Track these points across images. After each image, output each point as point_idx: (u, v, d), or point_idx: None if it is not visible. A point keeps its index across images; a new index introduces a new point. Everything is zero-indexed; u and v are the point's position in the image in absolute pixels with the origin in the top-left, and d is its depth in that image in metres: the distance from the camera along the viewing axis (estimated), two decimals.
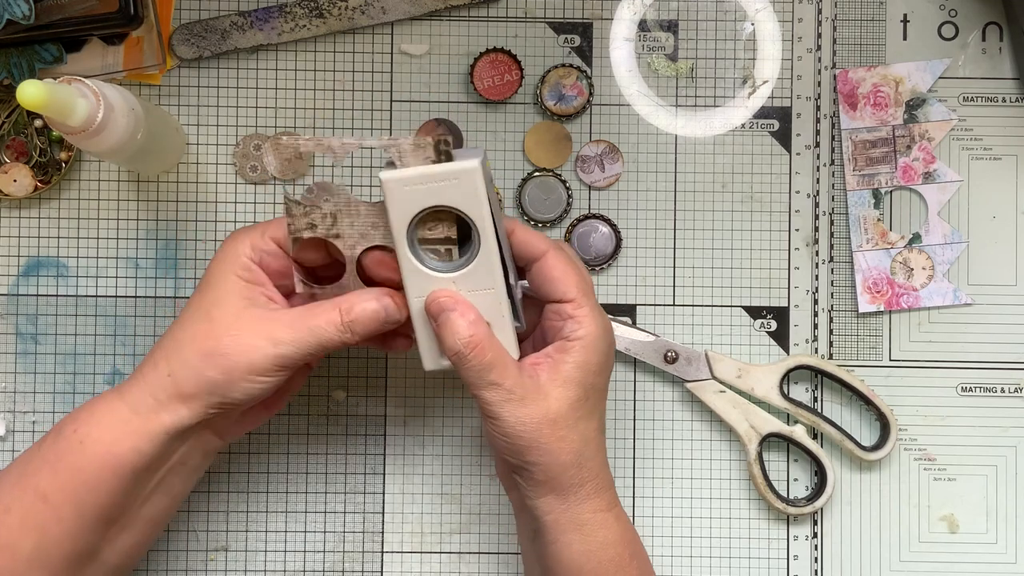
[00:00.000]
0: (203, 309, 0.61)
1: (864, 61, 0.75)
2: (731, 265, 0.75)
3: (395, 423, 0.75)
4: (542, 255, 0.62)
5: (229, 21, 0.74)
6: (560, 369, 0.61)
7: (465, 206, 0.59)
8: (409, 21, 0.75)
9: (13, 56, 0.71)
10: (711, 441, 0.75)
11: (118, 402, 0.61)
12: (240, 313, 0.61)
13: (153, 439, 0.60)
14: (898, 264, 0.75)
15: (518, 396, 0.60)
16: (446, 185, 0.59)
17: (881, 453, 0.74)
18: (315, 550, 0.74)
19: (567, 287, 0.61)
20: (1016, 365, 0.75)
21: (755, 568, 0.74)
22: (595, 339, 0.61)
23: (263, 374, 0.60)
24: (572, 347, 0.61)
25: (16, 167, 0.73)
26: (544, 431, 0.60)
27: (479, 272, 0.61)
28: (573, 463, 0.61)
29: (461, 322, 0.60)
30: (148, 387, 0.61)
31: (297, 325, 0.60)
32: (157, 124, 0.68)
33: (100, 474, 0.60)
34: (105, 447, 0.60)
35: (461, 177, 0.59)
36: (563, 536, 0.61)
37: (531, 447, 0.60)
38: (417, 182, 0.59)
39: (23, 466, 0.62)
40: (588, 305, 0.61)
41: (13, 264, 0.74)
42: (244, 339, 0.60)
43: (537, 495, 0.61)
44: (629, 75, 0.75)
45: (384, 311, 0.61)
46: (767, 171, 0.75)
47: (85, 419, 0.61)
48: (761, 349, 0.75)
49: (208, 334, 0.60)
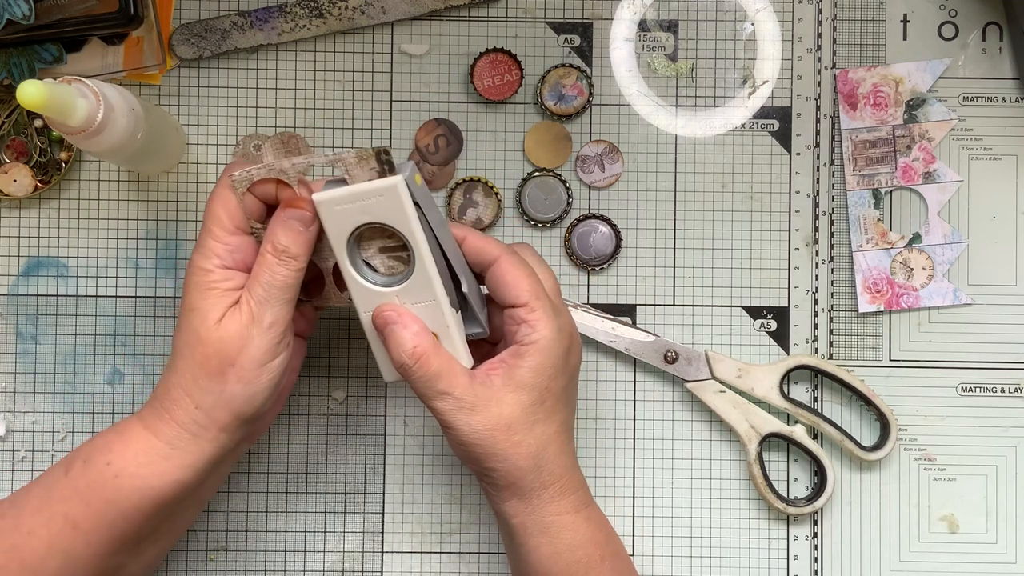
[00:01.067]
0: (193, 332, 0.61)
1: (864, 61, 0.75)
2: (731, 265, 0.75)
3: (395, 423, 0.75)
4: (494, 260, 0.62)
5: (229, 21, 0.74)
6: (514, 374, 0.61)
7: (394, 221, 0.60)
8: (409, 21, 0.75)
9: (13, 56, 0.71)
10: (711, 441, 0.75)
11: (152, 439, 0.61)
12: (222, 321, 0.60)
13: (196, 470, 0.61)
14: (898, 264, 0.75)
15: (468, 404, 0.60)
16: (374, 202, 0.60)
17: (881, 453, 0.74)
18: (315, 550, 0.74)
19: (518, 291, 0.61)
20: (1016, 365, 0.75)
21: (755, 568, 0.74)
22: (549, 342, 0.61)
23: (272, 356, 0.60)
24: (526, 351, 0.61)
25: (16, 167, 0.73)
26: (499, 437, 0.60)
27: (418, 284, 0.61)
28: (531, 468, 0.61)
29: (404, 334, 0.61)
30: (179, 423, 0.60)
31: (255, 291, 0.60)
32: (157, 124, 0.68)
33: (139, 505, 0.60)
34: (143, 481, 0.60)
35: (385, 194, 0.60)
36: (530, 539, 0.62)
37: (487, 454, 0.60)
38: (347, 200, 0.60)
39: (47, 491, 0.61)
40: (541, 308, 0.61)
41: (13, 264, 0.74)
42: (237, 340, 0.60)
43: (501, 499, 0.62)
44: (629, 75, 0.75)
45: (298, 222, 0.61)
46: (767, 171, 0.75)
47: (119, 452, 0.60)
48: (761, 349, 0.75)
49: (209, 355, 0.60)
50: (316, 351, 0.74)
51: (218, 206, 0.62)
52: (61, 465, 0.62)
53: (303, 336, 0.68)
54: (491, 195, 0.74)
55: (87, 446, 0.62)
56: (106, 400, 0.74)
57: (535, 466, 0.61)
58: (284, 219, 0.61)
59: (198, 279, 0.61)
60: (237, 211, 0.62)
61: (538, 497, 0.61)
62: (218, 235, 0.61)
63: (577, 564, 0.62)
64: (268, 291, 0.60)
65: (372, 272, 0.62)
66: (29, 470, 0.73)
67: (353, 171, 0.60)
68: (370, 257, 0.62)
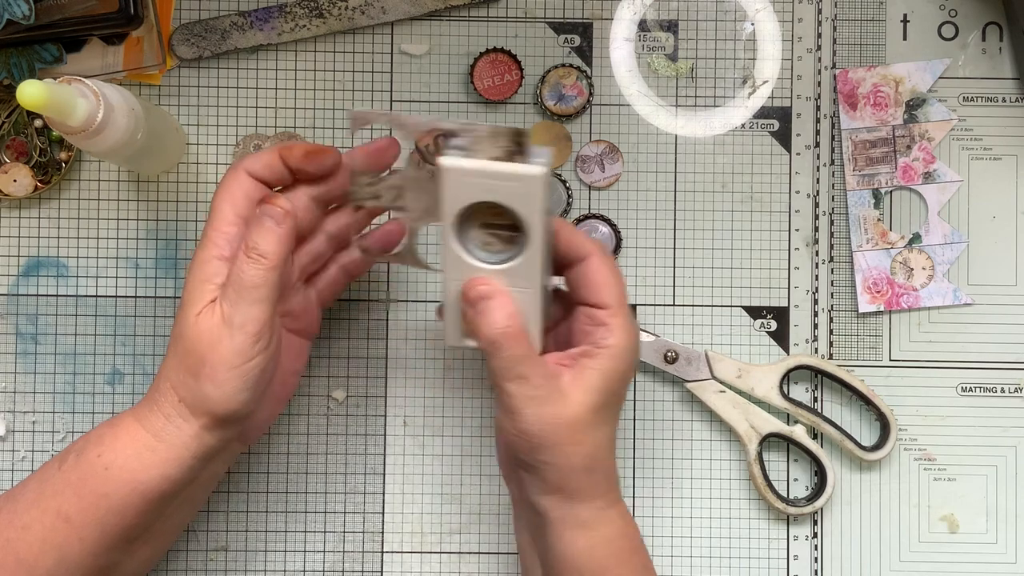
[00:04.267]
0: (178, 326, 0.60)
1: (864, 61, 0.75)
2: (731, 265, 0.75)
3: (395, 423, 0.75)
4: (587, 257, 0.62)
5: (229, 21, 0.74)
6: (584, 374, 0.60)
7: (521, 209, 0.59)
8: (409, 21, 0.75)
9: (13, 56, 0.71)
10: (711, 441, 0.75)
11: (140, 430, 0.60)
12: (198, 318, 0.59)
13: (182, 464, 0.60)
14: (898, 264, 0.75)
15: (542, 395, 0.59)
16: (507, 185, 0.58)
17: (881, 453, 0.74)
18: (315, 550, 0.74)
19: (607, 294, 0.61)
20: (1016, 365, 0.75)
21: (755, 568, 0.74)
22: (623, 349, 0.61)
23: (245, 358, 0.59)
24: (599, 354, 0.61)
25: (16, 167, 0.73)
26: (561, 433, 0.60)
27: (521, 271, 0.61)
28: (585, 467, 0.60)
29: (500, 312, 0.60)
30: (165, 415, 0.60)
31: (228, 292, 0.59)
32: (157, 124, 0.68)
33: (127, 499, 0.60)
34: (131, 474, 0.60)
35: (524, 181, 0.58)
36: (567, 532, 0.61)
37: (546, 447, 0.60)
38: (477, 176, 0.58)
39: (41, 485, 0.61)
40: (622, 315, 0.61)
41: (13, 264, 0.74)
42: (208, 339, 0.59)
43: (543, 493, 0.61)
44: (629, 75, 0.75)
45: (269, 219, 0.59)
46: (767, 171, 0.75)
47: (109, 444, 0.60)
48: (761, 349, 0.75)
49: (187, 351, 0.59)
50: (316, 351, 0.74)
51: (223, 195, 0.61)
52: (56, 459, 0.62)
53: (306, 337, 0.67)
54: None
55: (81, 440, 0.62)
56: (106, 400, 0.74)
57: (588, 467, 0.61)
58: (258, 215, 0.60)
59: (195, 271, 0.60)
60: (241, 202, 0.61)
61: (581, 495, 0.61)
62: (218, 224, 0.61)
63: (611, 557, 0.62)
64: (238, 291, 0.59)
65: (473, 246, 0.61)
66: (29, 470, 0.73)
67: (481, 144, 0.59)
68: (470, 229, 0.61)
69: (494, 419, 0.62)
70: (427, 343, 0.75)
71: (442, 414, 0.75)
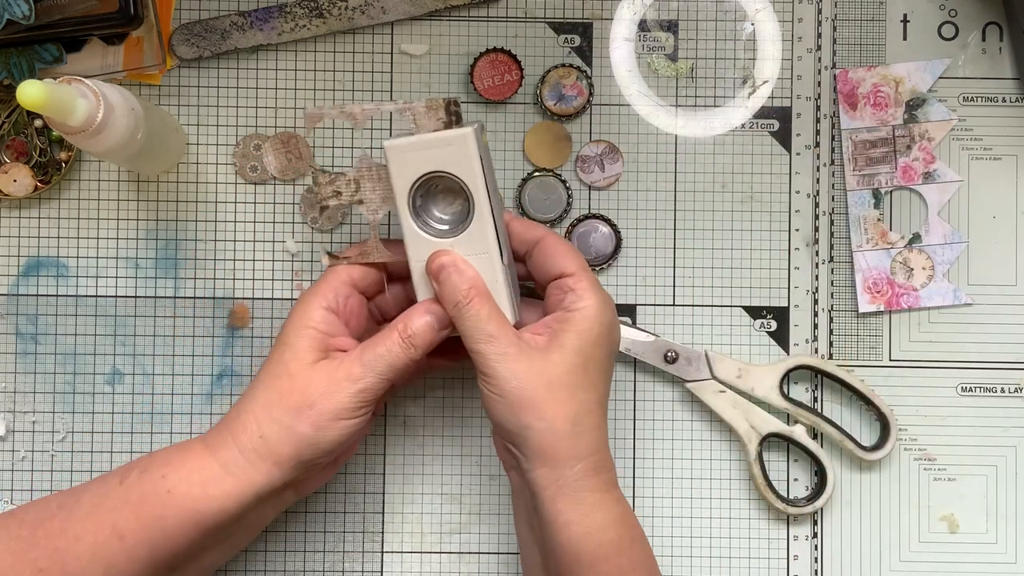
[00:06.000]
0: (282, 365, 0.62)
1: (864, 61, 0.75)
2: (731, 265, 0.75)
3: (395, 423, 0.75)
4: (541, 237, 0.65)
5: (229, 21, 0.74)
6: (559, 337, 0.62)
7: (459, 171, 0.63)
8: (409, 21, 0.75)
9: (13, 56, 0.71)
10: (711, 441, 0.75)
11: (210, 458, 0.62)
12: (316, 364, 0.62)
13: (242, 499, 0.61)
14: (898, 264, 0.75)
15: (514, 353, 0.61)
16: (442, 151, 0.63)
17: (881, 453, 0.74)
18: (315, 550, 0.74)
19: (567, 262, 0.64)
20: (1016, 365, 0.75)
21: (755, 568, 0.74)
22: (595, 310, 0.63)
23: (350, 415, 0.62)
24: (571, 316, 0.62)
25: (16, 167, 0.73)
26: (539, 392, 0.60)
27: (474, 236, 0.64)
28: (569, 432, 0.61)
29: (459, 277, 0.63)
30: (240, 447, 0.61)
31: (366, 356, 0.62)
32: (157, 124, 0.68)
33: (183, 526, 0.61)
34: (193, 502, 0.61)
35: (455, 143, 0.62)
36: (561, 515, 0.61)
37: (524, 407, 0.60)
38: (416, 148, 0.63)
39: (100, 498, 0.62)
40: (587, 279, 0.64)
41: (13, 264, 0.74)
42: (325, 386, 0.62)
43: (533, 465, 0.61)
44: (629, 75, 0.75)
45: (436, 320, 0.63)
46: (767, 171, 0.75)
47: (175, 468, 0.61)
48: (761, 349, 0.75)
49: (292, 390, 0.62)
50: None
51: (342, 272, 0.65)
52: (118, 473, 0.63)
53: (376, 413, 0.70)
54: None
55: (147, 458, 0.63)
56: (106, 400, 0.74)
57: (573, 431, 0.61)
58: (426, 311, 0.63)
59: (299, 317, 0.63)
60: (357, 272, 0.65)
61: (571, 468, 0.61)
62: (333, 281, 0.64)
63: (608, 544, 0.61)
64: (379, 362, 0.62)
65: (428, 223, 0.65)
66: (29, 470, 0.73)
67: (421, 120, 0.63)
68: (426, 210, 0.65)
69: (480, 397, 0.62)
70: None
71: (442, 414, 0.75)
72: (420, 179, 0.63)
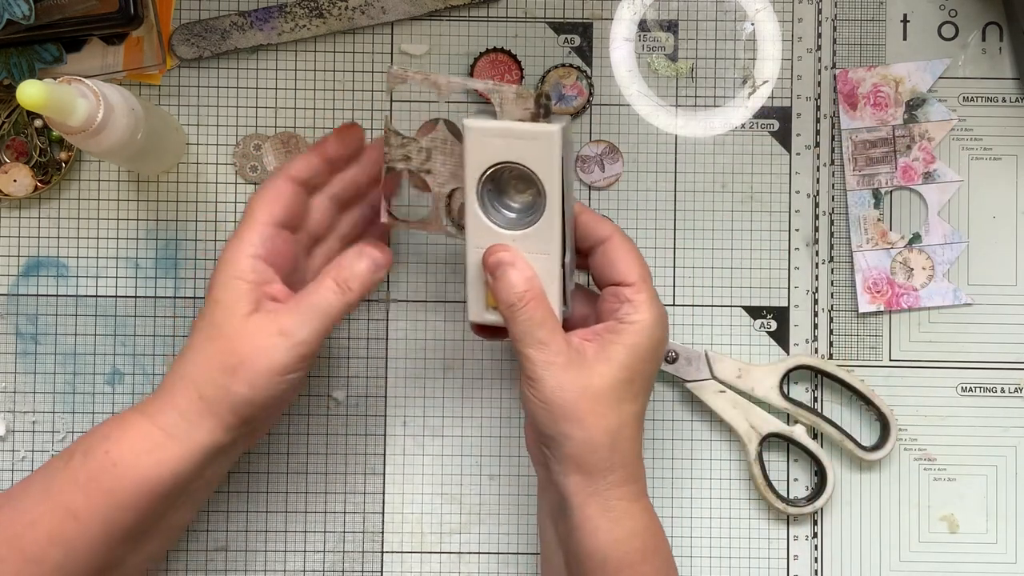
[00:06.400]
0: (214, 325, 0.61)
1: (864, 61, 0.75)
2: (731, 265, 0.75)
3: (395, 423, 0.75)
4: (608, 237, 0.63)
5: (229, 21, 0.74)
6: (608, 349, 0.61)
7: (538, 168, 0.61)
8: (409, 21, 0.75)
9: (13, 56, 0.71)
10: (711, 441, 0.75)
11: (150, 425, 0.61)
12: (249, 319, 0.61)
13: (191, 461, 0.61)
14: (898, 264, 0.75)
15: (562, 361, 0.60)
16: (524, 144, 0.60)
17: (881, 453, 0.74)
18: (315, 550, 0.74)
19: (629, 270, 0.63)
20: (1016, 365, 0.75)
21: (755, 568, 0.74)
22: (649, 326, 0.62)
23: (287, 371, 0.61)
24: (624, 329, 0.61)
25: (16, 167, 0.73)
26: (582, 404, 0.60)
27: (539, 235, 0.62)
28: (606, 444, 0.60)
29: (518, 276, 0.61)
30: (179, 411, 0.61)
31: (301, 308, 0.61)
32: (157, 124, 0.68)
33: (135, 496, 0.60)
34: (141, 471, 0.60)
35: (540, 138, 0.60)
36: (589, 521, 0.61)
37: (567, 417, 0.60)
38: (499, 135, 0.61)
39: (48, 482, 0.61)
40: (647, 291, 0.62)
41: (13, 264, 0.74)
42: (259, 343, 0.60)
43: (565, 472, 0.61)
44: (629, 75, 0.75)
45: (372, 262, 0.62)
46: (767, 171, 0.75)
47: (117, 440, 0.61)
48: (761, 349, 0.75)
49: (225, 349, 0.60)
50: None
51: (263, 198, 0.63)
52: (62, 456, 0.62)
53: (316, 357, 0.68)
54: None
55: (87, 436, 0.62)
56: (106, 400, 0.74)
57: (611, 443, 0.61)
58: (361, 254, 0.62)
59: (226, 269, 0.61)
60: (278, 207, 0.62)
61: (604, 478, 0.61)
62: (254, 224, 0.62)
63: (636, 552, 0.62)
64: (314, 313, 0.61)
65: (494, 211, 0.63)
66: (29, 470, 0.73)
67: (508, 106, 0.60)
68: (495, 196, 0.63)
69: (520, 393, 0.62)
70: (427, 343, 0.75)
71: (442, 414, 0.75)
72: (495, 166, 0.61)
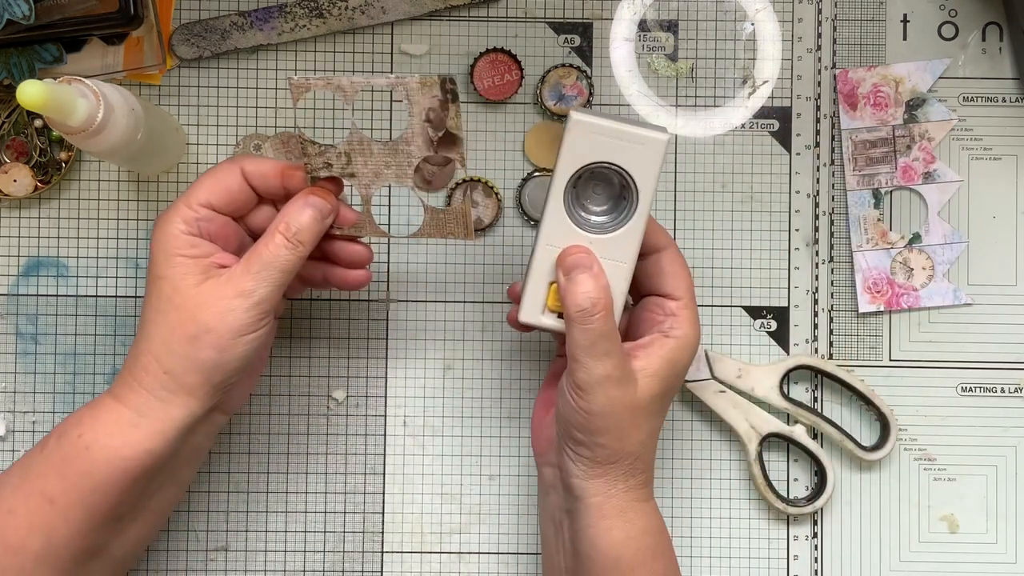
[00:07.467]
0: (166, 299, 0.61)
1: (864, 61, 0.75)
2: (731, 265, 0.75)
3: (395, 423, 0.75)
4: (664, 248, 0.64)
5: (229, 21, 0.74)
6: (652, 362, 0.62)
7: (638, 176, 0.60)
8: (409, 21, 0.75)
9: (13, 56, 0.71)
10: (711, 441, 0.75)
11: (121, 408, 0.61)
12: (201, 287, 0.60)
13: (166, 437, 0.60)
14: (898, 264, 0.75)
15: (619, 375, 0.60)
16: (629, 147, 0.59)
17: (881, 453, 0.74)
18: (315, 550, 0.74)
19: (679, 285, 0.63)
20: (1016, 365, 0.75)
21: (755, 568, 0.74)
22: (689, 342, 0.63)
23: (251, 330, 0.60)
24: (667, 343, 0.62)
25: (16, 167, 0.73)
26: (624, 416, 0.61)
27: (618, 243, 0.61)
28: (635, 454, 0.62)
29: (594, 283, 0.60)
30: (148, 389, 0.61)
31: (254, 266, 0.61)
32: (157, 124, 0.68)
33: (110, 477, 0.60)
34: (114, 451, 0.60)
35: (648, 145, 0.59)
36: (603, 521, 0.62)
37: (608, 429, 0.61)
38: (603, 133, 0.59)
39: (25, 469, 0.62)
40: (691, 309, 0.63)
41: (13, 264, 0.74)
42: (218, 307, 0.60)
43: (588, 476, 0.62)
44: (629, 75, 0.75)
45: (318, 211, 0.62)
46: (767, 171, 0.75)
47: (89, 424, 0.61)
48: (761, 349, 0.75)
49: (182, 320, 0.60)
50: (316, 351, 0.74)
51: (211, 179, 0.62)
52: (37, 445, 0.62)
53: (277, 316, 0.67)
54: (491, 195, 0.74)
55: (61, 424, 0.62)
56: None
57: (638, 454, 0.62)
58: (306, 204, 0.62)
59: (163, 245, 0.61)
60: (222, 192, 0.62)
61: (625, 481, 0.62)
62: (191, 202, 0.62)
63: (647, 550, 0.62)
64: (268, 269, 0.61)
65: (576, 211, 0.61)
66: None
67: (415, 97, 0.59)
68: (578, 196, 0.61)
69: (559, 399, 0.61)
70: (427, 343, 0.75)
71: (442, 414, 0.75)
72: (593, 164, 0.60)
